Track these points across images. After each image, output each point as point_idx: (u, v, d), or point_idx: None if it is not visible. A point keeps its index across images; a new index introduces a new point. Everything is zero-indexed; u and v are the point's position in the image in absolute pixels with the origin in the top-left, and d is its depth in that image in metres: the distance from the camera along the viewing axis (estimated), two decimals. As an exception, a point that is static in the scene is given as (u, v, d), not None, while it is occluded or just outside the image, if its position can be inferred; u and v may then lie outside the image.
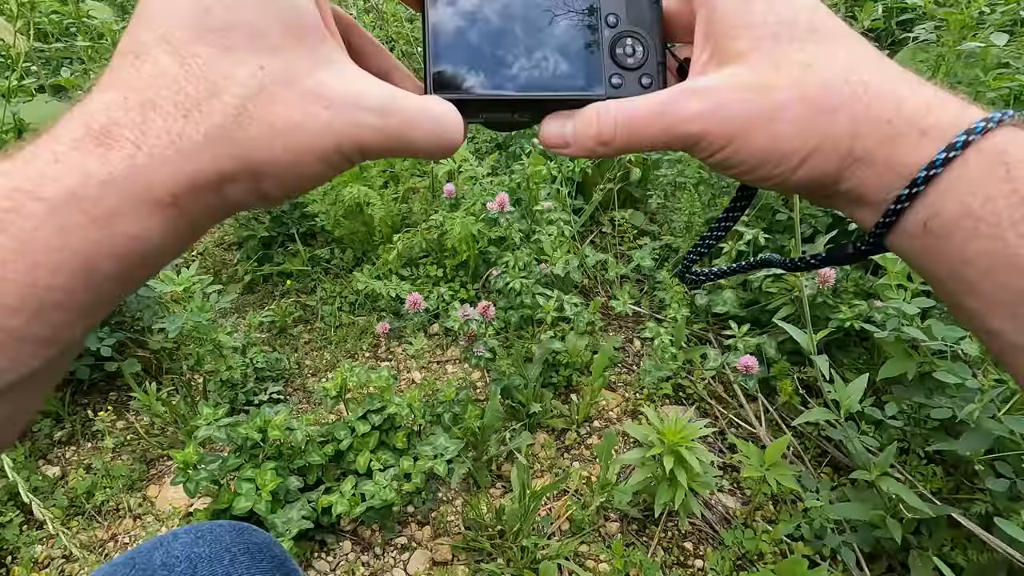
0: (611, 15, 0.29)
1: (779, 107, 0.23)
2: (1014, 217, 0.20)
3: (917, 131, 0.22)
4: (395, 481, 0.96)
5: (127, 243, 0.20)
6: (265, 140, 0.21)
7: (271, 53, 0.21)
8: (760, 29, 0.24)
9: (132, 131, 0.20)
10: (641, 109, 0.25)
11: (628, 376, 1.46)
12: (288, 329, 1.58)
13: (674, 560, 1.07)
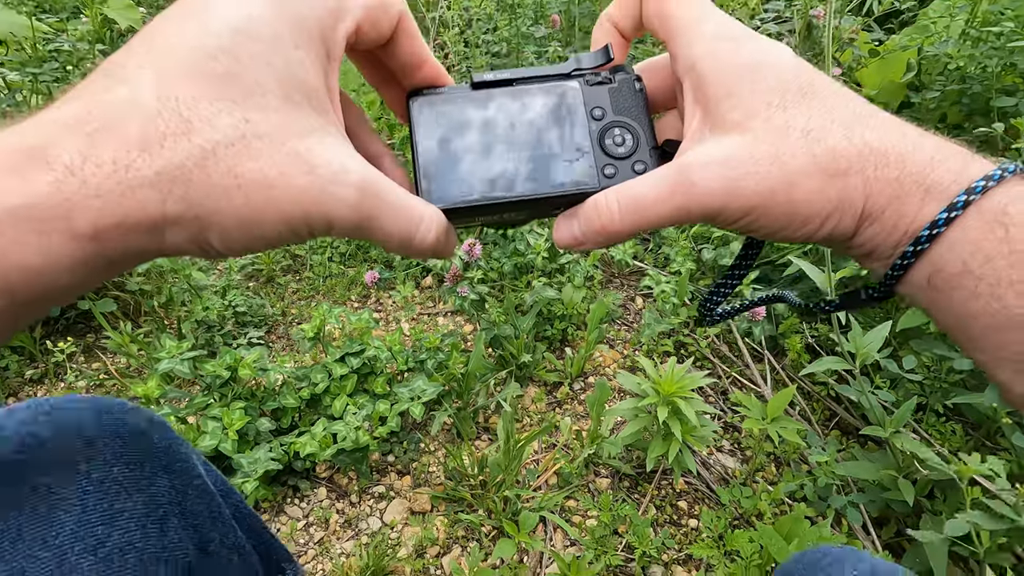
0: (596, 108, 0.29)
1: (795, 176, 0.23)
2: (1012, 278, 0.21)
3: (922, 190, 0.22)
4: (367, 422, 0.91)
5: (23, 275, 0.18)
6: (226, 190, 0.20)
7: (263, 111, 0.21)
8: (751, 97, 0.24)
9: (72, 154, 0.18)
10: (646, 190, 0.25)
11: (627, 334, 1.38)
12: (276, 278, 1.52)
13: (666, 519, 1.00)
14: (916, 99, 1.33)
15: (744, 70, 0.25)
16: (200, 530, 0.31)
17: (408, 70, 0.27)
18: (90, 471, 0.28)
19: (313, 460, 0.96)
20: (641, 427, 0.96)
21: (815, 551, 0.50)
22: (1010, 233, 0.21)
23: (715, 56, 0.25)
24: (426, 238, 0.25)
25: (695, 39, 0.26)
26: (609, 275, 1.54)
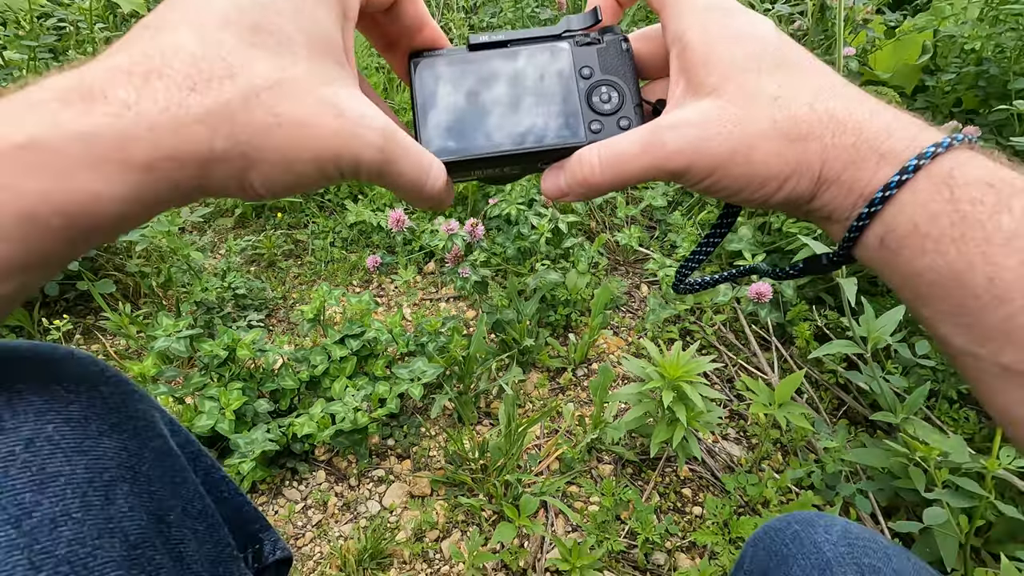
0: (584, 67, 0.30)
1: (755, 138, 0.25)
2: (954, 235, 0.22)
3: (877, 155, 0.24)
4: (366, 403, 0.89)
5: (82, 199, 0.19)
6: (268, 129, 0.21)
7: (293, 59, 0.22)
8: (730, 64, 0.26)
9: (128, 92, 0.20)
10: (624, 147, 0.27)
11: (632, 321, 1.36)
12: (277, 262, 1.51)
13: (670, 506, 0.98)
14: (931, 82, 1.30)
15: (727, 39, 0.26)
16: (157, 497, 0.27)
17: (410, 32, 0.29)
18: (17, 427, 0.23)
19: (312, 443, 0.95)
20: (645, 411, 0.94)
21: (781, 518, 0.49)
22: (955, 194, 0.22)
23: (702, 27, 0.26)
24: (436, 184, 0.27)
25: (685, 10, 0.27)
26: (614, 262, 1.52)
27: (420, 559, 0.90)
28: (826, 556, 0.42)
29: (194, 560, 0.29)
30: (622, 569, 0.89)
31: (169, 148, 0.20)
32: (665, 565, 0.90)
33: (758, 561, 0.47)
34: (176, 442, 0.32)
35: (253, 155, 0.21)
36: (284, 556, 0.40)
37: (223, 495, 0.36)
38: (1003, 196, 0.22)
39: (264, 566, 0.38)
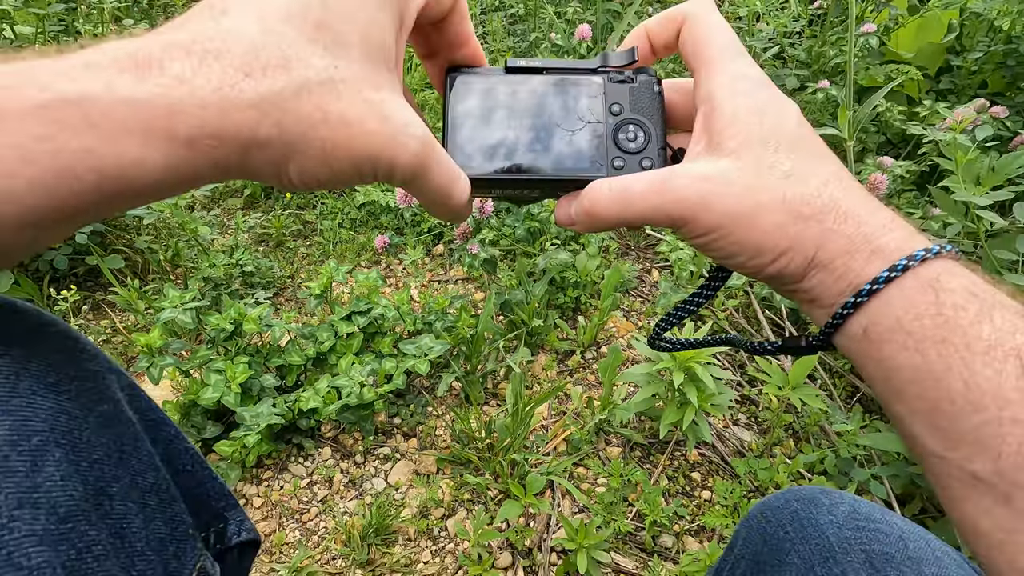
0: (615, 104, 0.31)
1: (762, 208, 0.26)
2: (936, 337, 0.23)
3: (869, 250, 0.25)
4: (372, 377, 0.88)
5: (122, 163, 0.19)
6: (314, 123, 0.22)
7: (347, 60, 0.23)
8: (752, 134, 0.27)
9: (183, 67, 0.20)
10: (634, 185, 0.27)
11: (642, 305, 1.34)
12: (285, 243, 1.50)
13: (679, 489, 0.97)
14: (956, 62, 1.26)
15: (753, 110, 0.27)
16: (98, 467, 0.25)
17: (453, 47, 0.30)
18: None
19: (318, 419, 0.95)
20: (654, 393, 0.92)
21: (779, 494, 0.44)
22: (939, 298, 0.23)
23: (732, 92, 0.27)
24: (461, 197, 0.27)
25: (719, 73, 0.28)
26: (624, 247, 1.50)
27: (425, 536, 0.89)
28: (829, 541, 0.38)
29: (138, 538, 0.26)
30: (629, 551, 0.88)
31: (215, 127, 0.20)
32: (673, 548, 0.89)
33: (751, 544, 0.43)
34: (134, 407, 0.30)
35: (295, 146, 0.22)
36: (250, 538, 0.37)
37: (184, 467, 0.33)
38: (985, 307, 0.23)
39: (226, 548, 0.35)
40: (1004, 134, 1.07)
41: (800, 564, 0.38)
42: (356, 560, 0.85)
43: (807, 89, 1.31)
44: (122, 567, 0.25)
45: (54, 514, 0.22)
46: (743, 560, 0.43)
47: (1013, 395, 0.21)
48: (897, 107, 1.15)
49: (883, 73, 1.21)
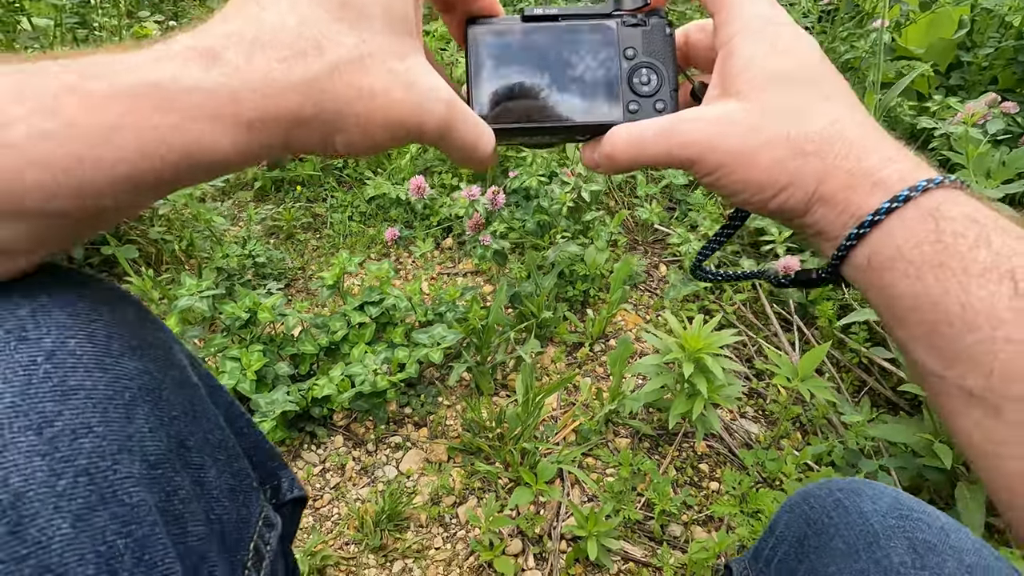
0: (629, 48, 0.32)
1: (764, 146, 0.27)
2: (934, 262, 0.24)
3: (871, 182, 0.26)
4: (385, 365, 0.89)
5: (189, 142, 0.22)
6: (348, 99, 0.24)
7: (371, 33, 0.25)
8: (764, 75, 0.27)
9: (239, 57, 0.22)
10: (647, 131, 0.29)
11: (651, 299, 1.35)
12: (296, 235, 1.52)
13: (687, 480, 0.98)
14: (967, 58, 1.26)
15: (768, 52, 0.28)
16: (177, 423, 0.27)
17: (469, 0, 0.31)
18: (40, 339, 0.23)
19: (330, 407, 0.96)
20: (663, 384, 0.93)
21: (821, 483, 0.45)
22: (939, 226, 0.24)
23: (748, 35, 0.28)
24: (486, 149, 0.29)
25: (736, 17, 0.29)
26: (632, 241, 1.51)
27: (436, 523, 0.90)
28: (873, 528, 0.39)
29: (214, 486, 0.28)
30: (638, 539, 0.89)
31: (269, 110, 0.23)
32: (681, 537, 0.90)
33: (793, 528, 0.43)
34: (196, 374, 0.32)
35: (335, 123, 0.24)
36: (300, 496, 0.39)
37: (242, 430, 0.35)
38: (984, 231, 0.24)
39: (282, 503, 0.38)
40: (1015, 130, 1.07)
41: (844, 548, 0.38)
42: (369, 545, 0.86)
43: (817, 84, 1.31)
44: (203, 510, 0.27)
45: (146, 460, 0.24)
46: (784, 543, 0.44)
47: (1006, 315, 0.22)
48: (907, 102, 1.15)
49: (894, 69, 1.21)
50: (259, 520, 0.32)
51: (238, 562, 0.29)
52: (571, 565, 0.84)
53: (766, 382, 1.15)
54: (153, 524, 0.24)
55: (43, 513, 0.20)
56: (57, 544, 0.20)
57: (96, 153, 0.21)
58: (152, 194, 0.23)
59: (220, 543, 0.27)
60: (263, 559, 0.31)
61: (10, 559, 0.19)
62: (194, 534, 0.26)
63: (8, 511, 0.20)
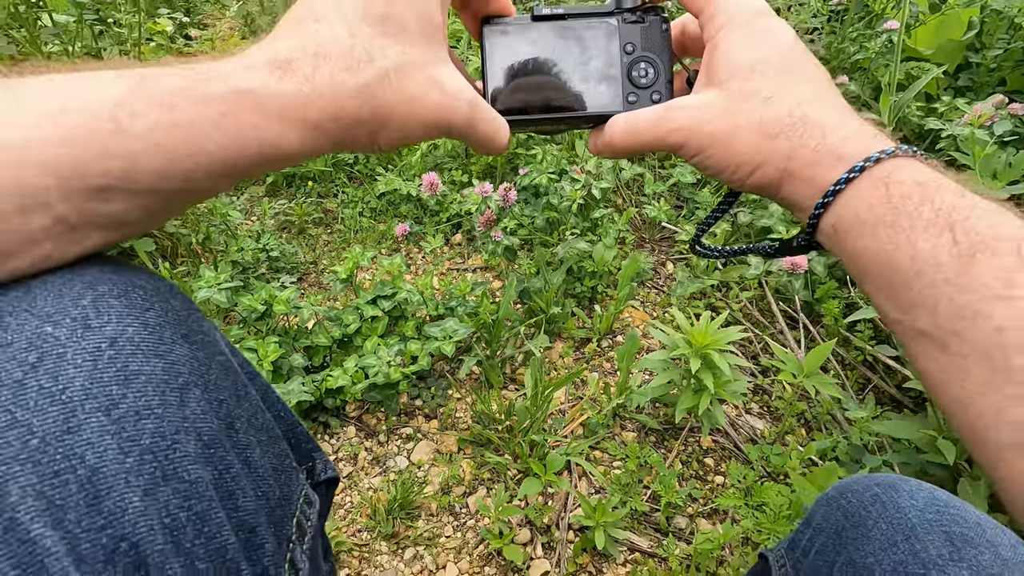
0: (628, 44, 0.35)
1: (739, 130, 0.31)
2: (886, 222, 0.27)
3: (834, 157, 0.29)
4: (399, 357, 0.91)
5: (269, 138, 0.26)
6: (394, 101, 0.28)
7: (411, 44, 0.29)
8: (741, 65, 0.31)
9: (307, 68, 0.26)
10: (642, 120, 0.33)
11: (657, 296, 1.36)
12: (307, 230, 1.54)
13: (692, 474, 1.00)
14: (975, 59, 1.26)
15: (746, 44, 0.31)
16: (225, 406, 0.28)
17: (483, 1, 0.35)
18: (102, 327, 0.24)
19: (343, 398, 0.98)
20: (670, 379, 0.95)
21: (858, 479, 0.46)
22: (889, 190, 0.27)
23: (729, 29, 0.32)
24: (503, 140, 0.33)
25: (720, 12, 0.32)
26: (640, 239, 1.52)
27: (447, 512, 0.92)
28: (911, 521, 0.39)
29: (260, 465, 0.30)
30: (643, 530, 0.91)
31: (332, 113, 0.27)
32: (687, 529, 0.91)
33: (831, 520, 0.45)
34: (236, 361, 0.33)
35: (383, 122, 0.28)
36: (333, 476, 0.41)
37: (279, 414, 0.37)
38: (928, 192, 0.27)
39: (317, 483, 0.39)
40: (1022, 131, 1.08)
41: (882, 539, 0.40)
42: (381, 532, 0.88)
43: (825, 85, 1.32)
44: (252, 488, 0.28)
45: (200, 440, 0.26)
46: (822, 534, 0.45)
47: (946, 260, 0.25)
48: (915, 103, 1.16)
49: (903, 70, 1.22)
50: (300, 498, 0.33)
51: (283, 536, 0.31)
52: (578, 554, 0.86)
53: (772, 379, 1.16)
54: (210, 499, 0.25)
55: (116, 487, 0.22)
56: (130, 515, 0.22)
57: (203, 143, 0.25)
58: (231, 181, 0.27)
59: (268, 518, 0.29)
60: (305, 534, 0.33)
61: (92, 528, 0.21)
62: (244, 509, 0.27)
63: (86, 485, 0.21)
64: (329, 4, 0.28)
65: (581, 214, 1.28)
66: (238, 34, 1.98)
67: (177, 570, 0.23)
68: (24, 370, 0.22)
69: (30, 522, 0.20)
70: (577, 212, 1.24)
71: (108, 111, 0.23)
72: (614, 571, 0.86)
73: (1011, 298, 0.23)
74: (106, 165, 0.24)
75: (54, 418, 0.22)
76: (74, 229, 0.25)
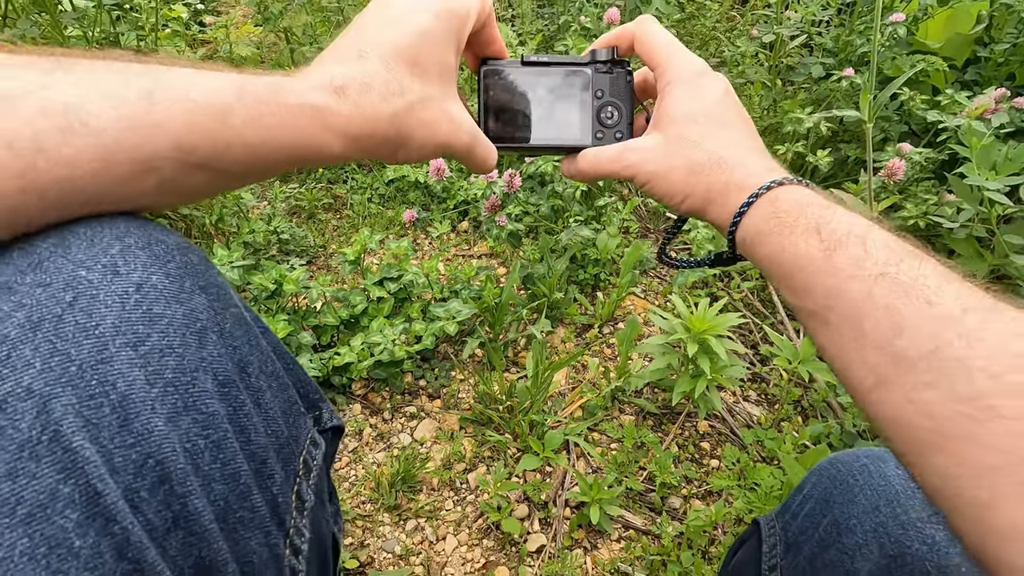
0: (599, 90, 0.43)
1: (673, 168, 0.40)
2: (773, 232, 0.34)
3: (739, 189, 0.37)
4: (404, 335, 0.94)
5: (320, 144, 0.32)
6: (415, 126, 0.35)
7: (431, 83, 0.36)
8: (680, 115, 0.40)
9: (356, 94, 0.33)
10: (604, 155, 0.42)
11: (659, 285, 1.38)
12: (317, 215, 1.57)
13: (688, 457, 1.02)
14: (984, 53, 1.26)
15: (684, 96, 0.40)
16: (239, 352, 0.31)
17: (484, 46, 0.42)
18: (129, 274, 0.27)
19: (350, 377, 1.01)
20: (668, 364, 0.97)
21: (849, 452, 0.48)
22: (776, 207, 0.35)
23: (674, 85, 0.40)
24: (492, 163, 0.41)
25: (666, 71, 0.41)
26: (644, 228, 1.54)
27: (448, 487, 0.95)
28: (895, 488, 0.43)
29: (270, 407, 0.33)
30: (638, 509, 0.93)
31: (368, 131, 0.34)
32: (680, 509, 0.94)
33: (821, 487, 0.48)
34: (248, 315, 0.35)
35: (405, 141, 0.35)
36: (338, 424, 0.44)
37: (288, 365, 0.39)
38: (802, 207, 0.34)
39: (323, 429, 0.42)
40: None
41: (866, 503, 0.43)
42: (384, 504, 0.91)
43: (832, 77, 1.33)
44: (262, 426, 0.31)
45: (216, 379, 0.29)
46: (811, 500, 0.48)
47: (816, 254, 0.32)
48: (920, 96, 1.16)
49: (909, 63, 1.23)
50: (307, 439, 0.36)
51: (291, 471, 0.34)
52: (574, 530, 0.89)
53: (770, 367, 1.18)
54: (225, 431, 0.28)
55: (143, 413, 0.25)
56: (155, 437, 0.25)
57: (279, 141, 0.31)
58: (283, 171, 0.35)
59: (277, 454, 0.32)
60: (311, 471, 0.36)
61: (123, 445, 0.24)
62: (256, 443, 0.30)
63: (118, 408, 0.24)
64: (370, 45, 0.35)
65: (585, 202, 1.30)
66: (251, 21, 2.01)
67: (196, 488, 0.26)
68: (62, 307, 0.24)
69: (71, 435, 0.22)
70: (581, 200, 1.26)
71: (218, 107, 0.29)
72: (608, 546, 0.88)
73: (861, 277, 0.30)
74: (210, 148, 0.29)
75: (88, 350, 0.24)
76: (166, 192, 0.29)
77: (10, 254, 0.26)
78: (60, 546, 0.21)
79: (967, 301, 0.27)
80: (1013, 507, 0.23)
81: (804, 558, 0.46)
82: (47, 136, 0.25)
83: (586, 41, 1.42)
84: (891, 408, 0.27)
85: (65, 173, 0.25)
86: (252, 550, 0.30)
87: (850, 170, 1.43)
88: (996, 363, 0.24)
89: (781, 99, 1.43)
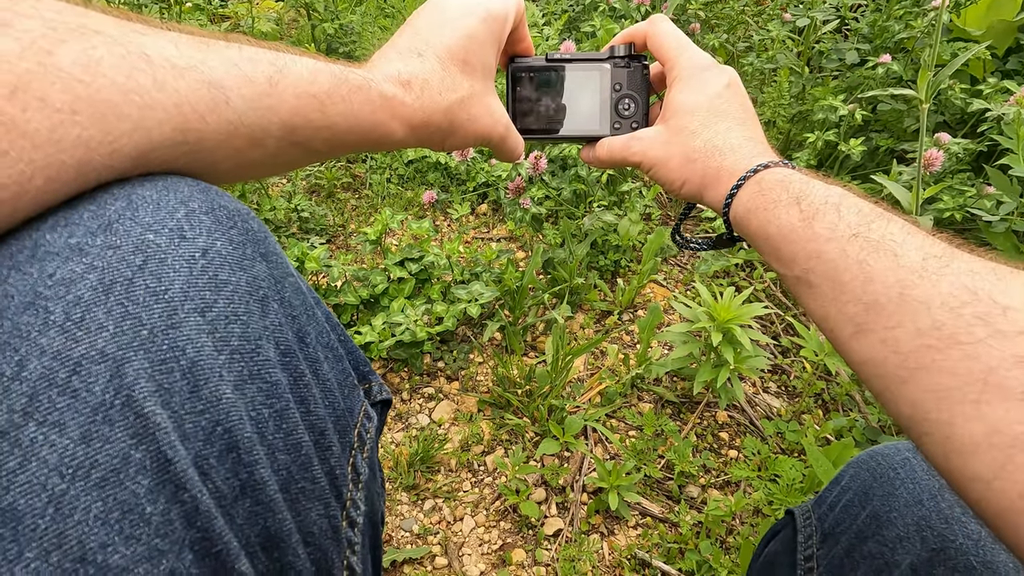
0: (617, 83, 0.47)
1: (673, 156, 0.44)
2: (759, 209, 0.38)
3: (730, 174, 0.41)
4: (426, 316, 0.94)
5: (388, 131, 0.37)
6: (463, 119, 0.40)
7: (476, 80, 0.41)
8: (682, 107, 0.44)
9: (418, 87, 0.37)
10: (617, 143, 0.47)
11: (680, 274, 1.37)
12: (336, 194, 1.56)
13: (707, 446, 1.01)
14: (1027, 42, 1.22)
15: (688, 89, 0.44)
16: (297, 321, 0.30)
17: (514, 43, 0.46)
18: (194, 239, 0.26)
19: (369, 356, 1.01)
20: (690, 352, 0.96)
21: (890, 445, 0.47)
22: (762, 187, 0.38)
23: (681, 79, 0.44)
24: (520, 154, 0.47)
25: (674, 66, 0.45)
26: (665, 216, 1.52)
27: (465, 469, 0.96)
28: (938, 482, 0.42)
29: (327, 377, 0.32)
30: (656, 496, 0.93)
31: (427, 121, 0.38)
32: (698, 498, 0.93)
33: (859, 480, 0.47)
34: (303, 286, 0.35)
35: (453, 131, 0.40)
36: (387, 398, 0.43)
37: (340, 337, 0.39)
38: (784, 184, 0.37)
39: (373, 402, 0.42)
40: (1070, 117, 1.04)
41: (908, 496, 0.42)
42: (403, 484, 0.92)
43: (867, 64, 1.29)
44: (321, 396, 0.31)
45: (279, 348, 0.28)
46: (849, 491, 0.47)
47: (797, 224, 0.35)
48: (959, 85, 1.13)
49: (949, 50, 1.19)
50: (361, 412, 0.36)
51: (347, 443, 0.34)
52: (591, 515, 0.89)
53: (791, 359, 1.16)
54: (288, 400, 0.28)
55: (212, 379, 0.24)
56: (224, 404, 0.25)
57: (360, 124, 0.35)
58: (350, 152, 0.37)
59: (334, 425, 0.32)
60: (365, 444, 0.35)
61: (193, 411, 0.24)
62: (315, 414, 0.30)
63: (187, 374, 0.24)
64: (426, 45, 0.39)
65: (608, 187, 1.29)
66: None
67: (262, 457, 0.26)
68: (132, 270, 0.24)
69: (143, 400, 0.22)
70: (604, 185, 1.24)
71: (321, 94, 0.33)
72: (625, 532, 0.88)
73: (836, 239, 0.33)
74: (309, 130, 0.33)
75: (159, 314, 0.24)
76: (259, 165, 0.33)
77: (79, 214, 0.25)
78: (132, 511, 0.21)
79: (928, 250, 0.30)
80: (969, 423, 0.25)
81: (841, 548, 0.45)
82: (203, 105, 0.28)
83: (613, 22, 1.38)
84: (868, 350, 0.30)
85: (208, 139, 0.29)
86: (313, 521, 0.30)
87: (880, 160, 1.40)
88: (954, 299, 0.27)
89: (811, 86, 1.40)
